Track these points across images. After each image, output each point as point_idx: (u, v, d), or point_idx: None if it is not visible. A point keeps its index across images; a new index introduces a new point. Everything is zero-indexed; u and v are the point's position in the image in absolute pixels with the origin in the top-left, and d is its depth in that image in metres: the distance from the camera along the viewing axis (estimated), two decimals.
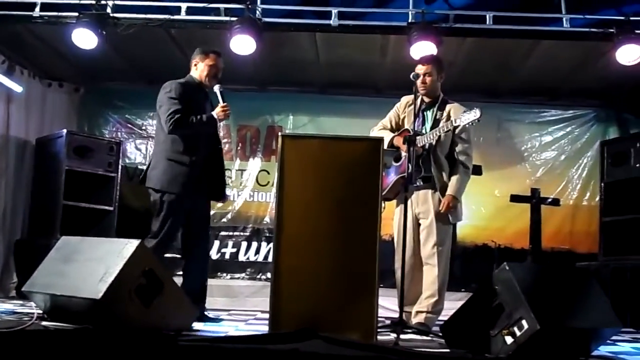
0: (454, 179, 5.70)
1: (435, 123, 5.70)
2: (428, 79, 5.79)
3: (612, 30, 7.06)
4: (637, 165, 7.17)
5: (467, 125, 5.50)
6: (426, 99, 5.86)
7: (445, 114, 5.74)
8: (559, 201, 9.29)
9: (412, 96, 5.74)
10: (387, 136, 5.77)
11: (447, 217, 5.69)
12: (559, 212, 9.31)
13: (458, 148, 5.76)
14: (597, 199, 8.70)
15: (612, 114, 9.45)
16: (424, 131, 5.68)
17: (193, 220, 5.83)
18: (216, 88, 5.83)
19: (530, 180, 9.38)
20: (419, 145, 5.51)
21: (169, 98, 5.71)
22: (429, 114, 5.80)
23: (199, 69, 5.94)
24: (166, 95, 5.75)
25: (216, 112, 5.74)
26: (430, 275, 5.69)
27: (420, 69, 5.82)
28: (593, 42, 7.33)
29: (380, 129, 5.97)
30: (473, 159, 5.89)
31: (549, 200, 9.30)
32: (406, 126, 5.85)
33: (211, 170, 5.86)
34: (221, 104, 5.77)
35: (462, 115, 5.45)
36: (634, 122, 9.31)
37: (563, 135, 9.47)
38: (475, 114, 5.36)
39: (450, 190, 5.66)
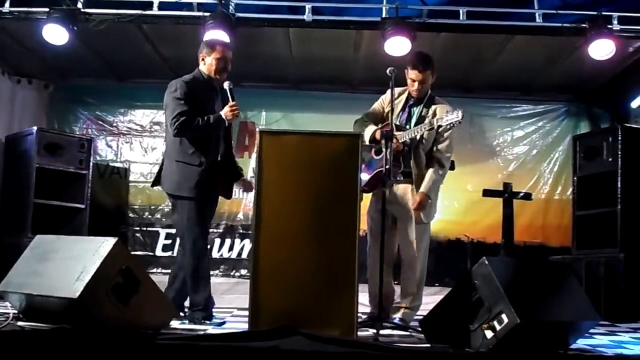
0: (427, 176, 5.66)
1: (420, 120, 5.65)
2: (424, 86, 5.72)
3: (584, 25, 7.11)
4: (610, 159, 7.21)
5: (447, 126, 5.48)
6: (414, 95, 5.80)
7: (431, 111, 5.69)
8: (531, 195, 9.33)
9: (398, 89, 5.70)
10: (370, 129, 5.72)
11: (420, 217, 5.65)
12: (531, 207, 9.37)
13: (438, 146, 5.73)
14: (569, 192, 8.78)
15: (583, 108, 9.54)
16: (408, 127, 5.64)
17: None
18: (225, 85, 5.57)
19: (502, 174, 9.45)
20: (399, 141, 5.48)
21: (174, 99, 5.48)
22: (416, 111, 5.75)
23: (206, 64, 5.65)
24: (171, 96, 5.52)
25: (224, 112, 5.46)
26: (409, 272, 5.68)
27: (417, 76, 5.67)
28: (565, 38, 7.36)
29: (364, 121, 5.86)
30: None
31: (521, 194, 9.33)
32: (389, 120, 5.78)
33: (223, 170, 5.64)
34: (230, 103, 5.50)
35: (445, 116, 5.43)
36: (604, 116, 9.41)
37: (534, 130, 9.54)
38: (457, 115, 5.33)
39: (422, 188, 5.63)
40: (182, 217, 5.50)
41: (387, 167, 5.07)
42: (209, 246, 6.03)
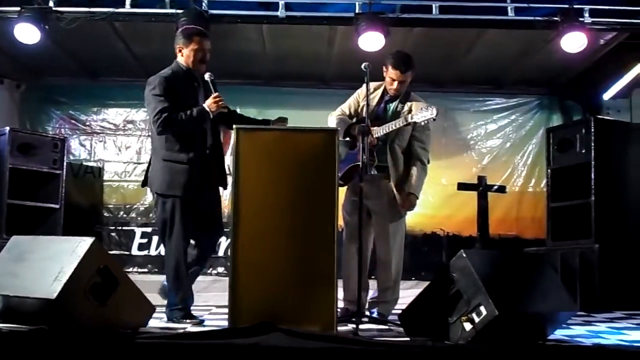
0: (413, 176, 5.65)
1: (396, 115, 5.63)
2: (402, 86, 5.67)
3: (556, 18, 7.17)
4: (583, 151, 7.26)
5: (422, 123, 5.49)
6: (391, 93, 5.78)
7: (407, 107, 5.67)
8: (505, 188, 9.42)
9: (374, 84, 5.66)
10: (344, 124, 5.71)
11: (398, 212, 5.67)
12: (505, 199, 9.46)
13: (416, 144, 5.71)
14: (543, 185, 8.87)
15: (555, 101, 9.65)
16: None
17: (204, 217, 5.42)
18: (207, 76, 5.38)
19: (476, 168, 9.54)
20: (374, 136, 5.47)
21: (154, 96, 5.29)
22: (391, 106, 5.73)
23: (184, 55, 5.43)
24: (151, 93, 5.32)
25: (207, 104, 5.25)
26: (386, 266, 5.69)
27: (397, 75, 5.60)
28: (537, 31, 7.42)
29: (339, 115, 5.83)
30: None
31: (495, 187, 9.41)
32: (364, 115, 5.78)
33: (214, 162, 5.43)
34: (213, 94, 5.30)
35: (419, 113, 5.42)
36: (577, 108, 9.51)
37: (508, 123, 9.64)
38: (432, 112, 5.34)
39: (411, 189, 5.62)
40: (165, 215, 5.36)
41: (364, 161, 5.06)
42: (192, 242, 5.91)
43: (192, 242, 5.50)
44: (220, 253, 8.99)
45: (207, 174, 5.36)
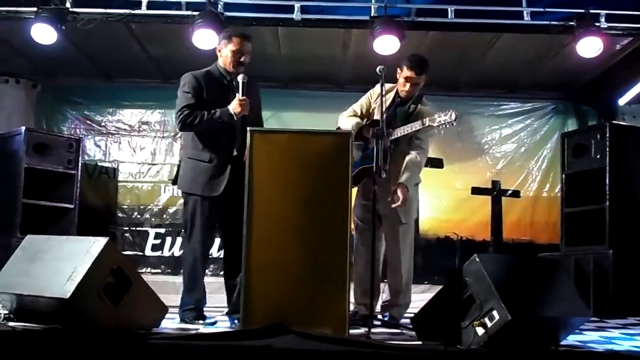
0: (407, 169, 5.62)
1: (405, 119, 5.65)
2: (415, 88, 5.71)
3: (572, 23, 7.15)
4: (597, 156, 7.24)
5: (438, 128, 5.49)
6: (402, 95, 5.79)
7: (417, 111, 5.70)
8: (519, 193, 9.43)
9: (386, 86, 5.61)
10: (356, 124, 5.71)
11: (399, 217, 5.65)
12: (519, 204, 9.44)
13: (415, 142, 5.72)
14: (557, 190, 8.84)
15: (570, 106, 9.59)
16: (396, 124, 5.62)
17: (230, 219, 5.30)
18: (239, 78, 5.31)
19: (490, 172, 9.48)
20: (390, 138, 5.47)
21: (182, 92, 5.36)
22: (402, 110, 5.73)
23: (223, 56, 5.45)
24: (180, 90, 5.39)
25: (232, 106, 5.25)
26: (397, 270, 5.69)
27: (413, 78, 5.65)
28: (553, 35, 7.40)
29: (350, 115, 5.85)
30: (433, 153, 5.83)
31: (510, 192, 9.43)
32: (376, 116, 5.73)
33: (242, 164, 5.11)
34: (239, 96, 5.28)
35: (438, 117, 5.44)
36: (592, 114, 9.46)
37: (522, 127, 9.57)
38: (450, 116, 5.37)
39: (400, 179, 5.57)
40: (187, 214, 5.42)
41: (378, 164, 5.05)
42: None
43: None
44: None
45: (234, 174, 5.24)
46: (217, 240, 8.95)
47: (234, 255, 5.03)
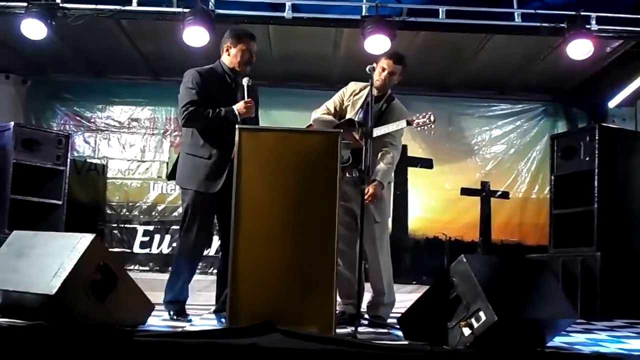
0: (381, 167, 5.62)
1: (379, 117, 5.65)
2: (394, 78, 5.74)
3: (563, 25, 7.16)
4: (587, 158, 7.27)
5: (418, 129, 5.63)
6: (375, 93, 5.78)
7: (390, 109, 5.73)
8: (509, 194, 9.46)
9: (359, 85, 5.79)
10: (330, 124, 5.73)
11: (372, 216, 5.62)
12: (508, 205, 9.48)
13: (389, 140, 5.73)
14: (546, 191, 8.85)
15: (560, 108, 9.63)
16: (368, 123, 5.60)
17: (227, 218, 5.18)
18: (244, 81, 5.38)
19: (480, 173, 9.52)
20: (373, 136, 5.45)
21: (186, 88, 5.36)
22: (375, 107, 5.74)
23: (231, 55, 5.49)
24: (184, 85, 5.39)
25: (237, 107, 5.29)
26: (376, 269, 5.69)
27: (390, 65, 5.70)
28: (543, 37, 7.41)
29: (324, 113, 5.87)
30: (422, 153, 5.84)
31: (499, 193, 9.46)
32: (349, 115, 5.80)
33: None
34: (245, 99, 5.33)
35: (420, 118, 5.53)
36: (582, 116, 9.51)
37: (512, 129, 9.61)
38: (430, 118, 5.50)
39: (376, 176, 5.55)
40: (182, 208, 5.48)
41: (367, 164, 5.04)
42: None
43: None
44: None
45: (229, 173, 5.19)
46: None
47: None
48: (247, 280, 4.42)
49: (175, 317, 5.33)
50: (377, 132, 5.54)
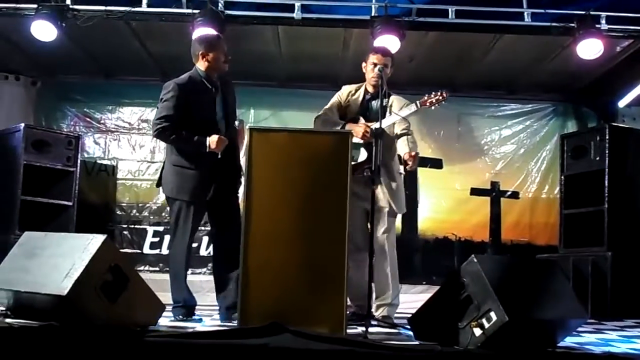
0: (409, 138, 5.72)
1: (385, 113, 5.66)
2: (387, 71, 5.74)
3: (572, 24, 7.15)
4: (597, 158, 7.25)
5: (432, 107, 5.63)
6: (371, 90, 5.82)
7: (390, 102, 5.75)
8: (519, 194, 9.44)
9: (353, 86, 5.89)
10: (335, 125, 5.74)
11: (392, 209, 5.67)
12: (518, 205, 9.45)
13: (402, 130, 5.77)
14: (556, 191, 8.85)
15: (570, 108, 9.60)
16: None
17: (221, 221, 5.60)
18: (236, 123, 5.63)
19: (490, 173, 9.49)
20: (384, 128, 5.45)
21: (163, 101, 5.42)
22: (374, 104, 5.77)
23: (210, 60, 5.55)
24: (162, 98, 5.45)
25: (210, 140, 5.32)
26: (382, 269, 5.67)
27: (381, 59, 5.74)
28: (553, 37, 7.40)
29: (325, 119, 5.89)
30: (432, 153, 5.84)
31: (509, 193, 9.43)
32: (349, 116, 5.84)
33: (226, 167, 5.51)
34: (222, 136, 5.38)
35: (427, 98, 5.57)
36: (592, 115, 9.48)
37: (522, 129, 9.58)
38: (441, 95, 5.57)
39: (409, 148, 5.63)
40: (172, 217, 5.55)
41: (377, 164, 5.04)
42: (196, 244, 6.00)
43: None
44: None
45: (219, 178, 5.46)
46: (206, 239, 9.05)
47: (228, 252, 5.37)
48: (257, 281, 4.43)
49: (184, 319, 5.38)
50: (388, 121, 5.53)
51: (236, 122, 5.58)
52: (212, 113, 5.52)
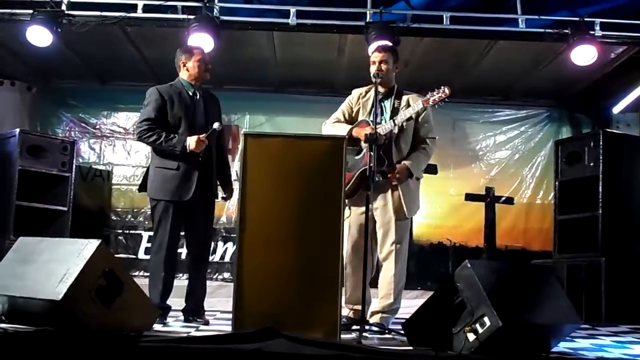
0: (413, 155, 5.65)
1: (394, 112, 5.63)
2: (384, 67, 5.67)
3: (567, 31, 7.17)
4: (591, 164, 7.28)
5: (429, 108, 5.60)
6: (382, 89, 5.71)
7: (404, 102, 5.69)
8: (513, 200, 9.46)
9: (363, 88, 5.81)
10: (344, 129, 5.68)
11: (403, 211, 5.57)
12: (512, 211, 9.48)
13: (422, 132, 5.74)
14: (550, 197, 8.86)
15: (564, 113, 9.63)
16: (383, 122, 5.57)
17: (194, 222, 5.74)
18: (215, 125, 5.57)
19: (484, 179, 9.52)
20: (381, 133, 5.43)
21: (145, 106, 5.67)
22: (387, 104, 5.71)
23: (189, 68, 5.76)
24: (144, 103, 5.70)
25: (189, 140, 5.47)
26: (387, 274, 5.62)
27: (376, 56, 5.72)
28: (548, 43, 7.42)
29: (334, 122, 5.84)
30: None
31: (503, 198, 9.46)
32: (361, 117, 5.78)
33: (208, 170, 5.68)
34: (201, 136, 5.49)
35: (430, 96, 5.50)
36: (586, 121, 9.51)
37: (517, 134, 9.62)
38: (443, 92, 5.46)
39: (406, 161, 5.58)
40: (155, 218, 5.66)
41: (371, 170, 5.04)
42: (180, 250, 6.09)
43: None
44: (227, 259, 9.03)
45: (200, 179, 5.58)
46: (211, 244, 9.04)
47: (195, 257, 5.74)
48: (251, 286, 4.43)
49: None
50: (385, 129, 5.53)
51: (215, 124, 5.57)
52: (192, 119, 5.65)
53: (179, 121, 5.61)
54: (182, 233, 5.81)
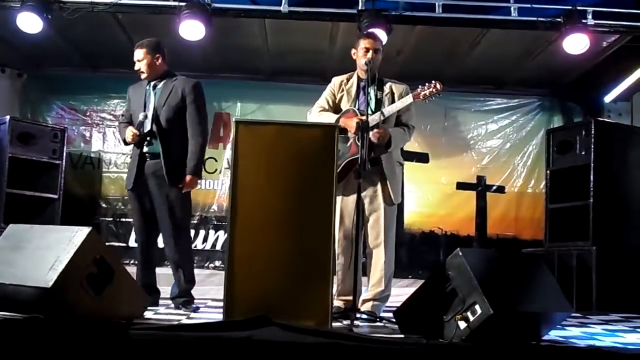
0: (395, 129, 5.66)
1: (378, 101, 5.65)
2: (379, 56, 5.71)
3: (559, 19, 7.16)
4: (582, 152, 7.30)
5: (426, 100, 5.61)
6: (363, 76, 5.73)
7: (387, 89, 5.71)
8: (504, 188, 9.45)
9: (344, 76, 5.84)
10: (331, 118, 5.68)
11: (390, 198, 5.59)
12: (504, 200, 9.47)
13: (404, 118, 5.75)
14: (542, 186, 8.87)
15: (556, 102, 9.62)
16: (369, 111, 5.53)
17: (157, 213, 5.92)
18: (140, 117, 5.87)
19: (476, 168, 9.50)
20: (371, 124, 5.42)
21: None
22: (371, 92, 5.69)
23: (149, 61, 6.11)
24: None
25: (127, 133, 5.90)
26: (378, 262, 5.64)
27: (370, 43, 5.70)
28: (539, 32, 7.41)
29: (320, 112, 5.83)
30: (418, 147, 5.83)
31: (495, 187, 9.45)
32: (345, 105, 5.77)
33: (155, 160, 5.87)
34: (132, 129, 5.87)
35: (421, 90, 5.53)
36: (578, 110, 9.51)
37: (508, 123, 9.60)
38: (436, 86, 5.51)
39: (389, 130, 5.58)
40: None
41: (364, 157, 5.04)
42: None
43: None
44: (218, 247, 9.01)
45: (146, 168, 5.88)
46: (202, 233, 9.04)
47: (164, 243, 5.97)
48: (243, 274, 4.42)
49: None
50: (386, 112, 5.53)
51: (140, 115, 5.89)
52: (138, 110, 5.92)
53: (132, 112, 6.07)
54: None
